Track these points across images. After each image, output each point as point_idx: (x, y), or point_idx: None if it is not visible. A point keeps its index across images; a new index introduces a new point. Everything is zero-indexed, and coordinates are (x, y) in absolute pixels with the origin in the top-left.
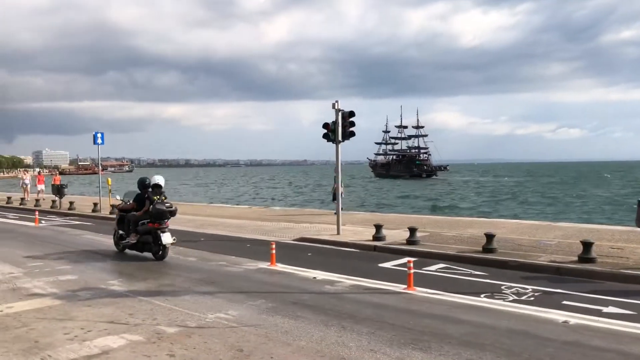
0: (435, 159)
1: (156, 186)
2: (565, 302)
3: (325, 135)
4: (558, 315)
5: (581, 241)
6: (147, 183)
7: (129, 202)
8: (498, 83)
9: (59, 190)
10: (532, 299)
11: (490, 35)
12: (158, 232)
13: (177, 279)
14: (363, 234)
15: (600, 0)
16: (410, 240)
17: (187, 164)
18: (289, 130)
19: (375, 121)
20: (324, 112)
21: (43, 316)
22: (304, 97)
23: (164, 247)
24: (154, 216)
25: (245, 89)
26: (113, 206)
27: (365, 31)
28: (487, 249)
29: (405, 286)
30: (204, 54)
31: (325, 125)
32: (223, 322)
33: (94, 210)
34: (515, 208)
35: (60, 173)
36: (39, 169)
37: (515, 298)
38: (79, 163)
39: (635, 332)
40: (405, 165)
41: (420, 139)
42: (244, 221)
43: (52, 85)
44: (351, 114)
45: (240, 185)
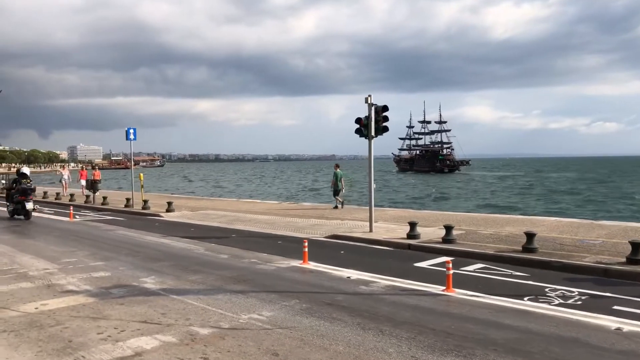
0: (458, 154)
1: (23, 174)
2: (616, 307)
3: (357, 131)
4: (609, 322)
5: (630, 241)
6: (21, 172)
7: (11, 184)
8: (530, 76)
9: (92, 185)
10: (580, 303)
11: (522, 27)
12: (24, 202)
13: (209, 277)
14: (396, 232)
15: None
16: (446, 239)
17: (217, 159)
18: (316, 124)
19: (403, 115)
20: (351, 107)
21: (77, 314)
22: (331, 92)
23: (27, 212)
24: (20, 192)
25: (273, 84)
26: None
27: (393, 25)
28: (528, 249)
29: (443, 287)
30: (233, 49)
31: (358, 120)
32: (257, 324)
33: (126, 206)
34: (539, 205)
35: (94, 168)
36: (81, 165)
37: (561, 302)
38: (112, 158)
39: None
40: (428, 160)
41: (443, 134)
42: (274, 217)
43: (86, 81)
44: (384, 108)
45: (274, 179)
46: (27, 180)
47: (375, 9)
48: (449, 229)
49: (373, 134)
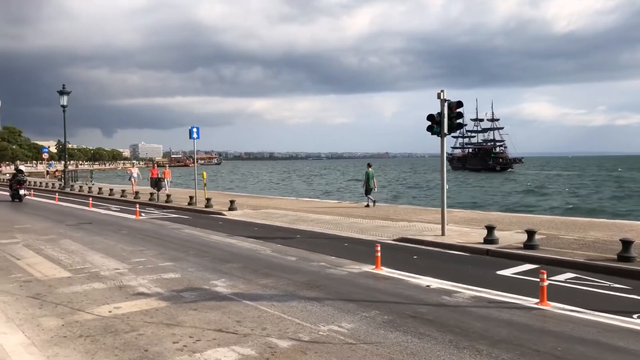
0: (511, 152)
1: (20, 171)
2: None
3: (429, 128)
4: None
5: None
6: (18, 169)
7: (12, 177)
8: (594, 71)
9: (157, 183)
10: None
11: (586, 20)
12: (18, 190)
13: (280, 281)
14: (470, 235)
15: None
16: (529, 245)
17: (271, 157)
18: (369, 122)
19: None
20: (406, 104)
21: (150, 320)
22: (385, 89)
23: (20, 196)
24: (16, 182)
25: (326, 83)
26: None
27: (449, 21)
28: (624, 257)
29: (536, 300)
30: (288, 48)
31: (431, 117)
32: (338, 337)
33: (189, 204)
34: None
35: (164, 165)
36: (153, 162)
37: None
38: (172, 156)
39: None
40: (480, 158)
41: (495, 131)
42: (337, 217)
43: (147, 81)
44: (459, 104)
45: (334, 177)
46: (22, 175)
47: (430, 5)
48: (531, 233)
49: (446, 131)
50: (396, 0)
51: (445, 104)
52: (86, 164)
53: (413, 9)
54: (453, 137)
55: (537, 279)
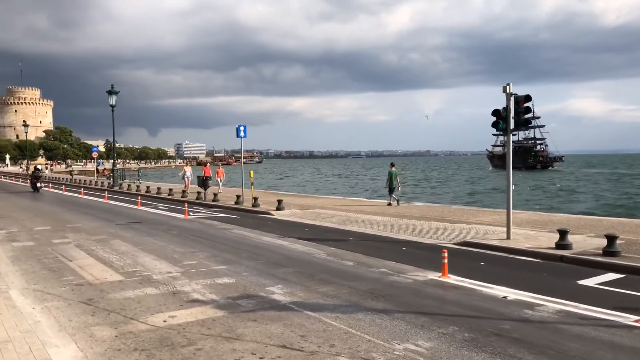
0: (552, 150)
1: (37, 169)
2: None
3: (494, 124)
4: None
5: None
6: (36, 167)
7: (32, 173)
8: None
9: (204, 182)
10: None
11: (637, 12)
12: (36, 183)
13: (341, 289)
14: (538, 240)
15: None
16: (609, 251)
17: (311, 156)
18: (410, 120)
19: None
20: (447, 101)
21: (208, 331)
22: (426, 87)
23: (37, 188)
24: (34, 177)
25: (365, 80)
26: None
27: (492, 16)
28: None
29: (636, 318)
30: (327, 46)
31: (496, 113)
32: (418, 358)
33: (236, 203)
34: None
35: (198, 164)
36: (207, 161)
37: None
38: (215, 154)
39: None
40: (520, 156)
41: (536, 129)
42: (388, 218)
43: (190, 82)
44: (527, 98)
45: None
46: (39, 172)
47: (472, 0)
48: (612, 238)
49: (512, 127)
50: None
51: (512, 98)
52: (133, 162)
53: (454, 4)
54: (493, 135)
55: (630, 292)
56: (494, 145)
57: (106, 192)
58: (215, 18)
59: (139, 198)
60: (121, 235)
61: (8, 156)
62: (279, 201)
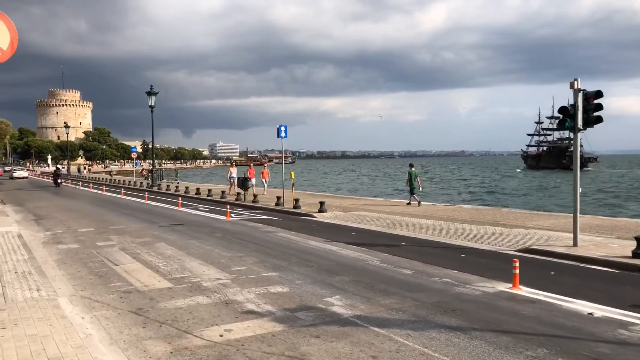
0: (586, 150)
1: (58, 168)
2: None
3: (560, 123)
4: None
5: None
6: (56, 167)
7: (54, 171)
8: None
9: (243, 183)
10: None
11: None
12: (57, 179)
13: (405, 301)
14: (609, 247)
15: None
16: None
17: (343, 156)
18: (444, 120)
19: (542, 108)
20: (482, 100)
21: (269, 349)
22: (460, 86)
23: (58, 183)
24: (55, 175)
25: (398, 80)
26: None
27: (529, 13)
28: None
29: None
30: (360, 46)
31: (563, 110)
32: None
33: (276, 204)
34: None
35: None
36: (251, 163)
37: None
38: (248, 155)
39: None
40: (554, 157)
41: None
42: (438, 222)
43: (223, 83)
44: (598, 94)
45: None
46: (59, 170)
47: None
48: None
49: (580, 125)
50: None
51: (580, 94)
52: (169, 162)
53: (490, 2)
54: (528, 135)
55: None
56: (528, 146)
57: (146, 193)
58: (247, 19)
59: (179, 199)
60: (165, 238)
61: (50, 157)
62: (321, 203)
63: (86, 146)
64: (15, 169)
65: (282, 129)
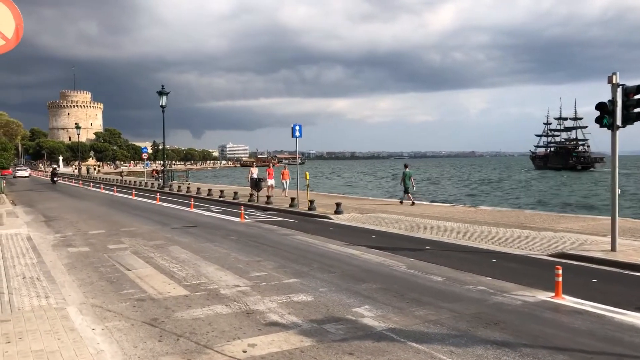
0: (593, 151)
1: (54, 168)
2: None
3: (598, 119)
4: None
5: None
6: (54, 167)
7: (52, 171)
8: None
9: (256, 184)
10: None
11: None
12: (54, 177)
13: (441, 312)
14: None
15: None
16: None
17: (353, 157)
18: (454, 120)
19: (551, 108)
20: (492, 101)
21: None
22: (470, 86)
23: (55, 181)
24: (53, 174)
25: (407, 80)
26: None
27: (539, 12)
28: None
29: None
30: (369, 47)
31: (601, 106)
32: None
33: (291, 205)
34: None
35: (242, 165)
36: (271, 163)
37: None
38: (258, 155)
39: None
40: (561, 157)
41: (579, 130)
42: (461, 224)
43: (232, 84)
44: (639, 89)
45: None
46: (56, 170)
47: None
48: None
49: (619, 122)
50: None
51: (619, 90)
52: (179, 163)
53: (500, 1)
54: (536, 136)
55: None
56: (536, 146)
57: (157, 194)
58: (256, 21)
59: (192, 200)
60: (178, 241)
61: (61, 157)
62: (337, 204)
63: (97, 147)
64: (17, 169)
65: (297, 128)
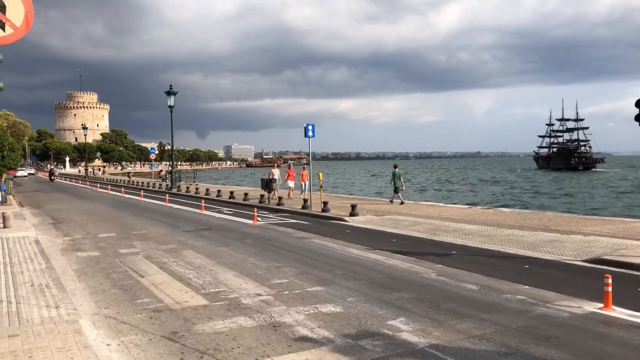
0: (594, 152)
1: (52, 168)
2: None
3: (637, 117)
4: None
5: None
6: (51, 168)
7: (50, 170)
8: None
9: (267, 184)
10: None
11: None
12: (52, 176)
13: (485, 325)
14: None
15: None
16: None
17: (358, 157)
18: (459, 121)
19: (555, 109)
20: (498, 101)
21: None
22: (475, 87)
23: (52, 179)
24: (51, 173)
25: (413, 81)
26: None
27: (545, 13)
28: None
29: None
30: (374, 48)
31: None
32: None
33: (303, 207)
34: None
35: (248, 166)
36: (291, 163)
37: None
38: (263, 156)
39: None
40: (564, 157)
41: (580, 131)
42: (483, 227)
43: (237, 85)
44: None
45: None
46: (54, 170)
47: None
48: None
49: None
50: None
51: None
52: (185, 164)
53: (506, 2)
54: (539, 137)
55: None
56: (539, 147)
57: (166, 195)
58: (261, 21)
59: (202, 201)
60: (192, 245)
61: (68, 158)
62: (353, 206)
63: (103, 148)
64: (17, 169)
65: (310, 128)
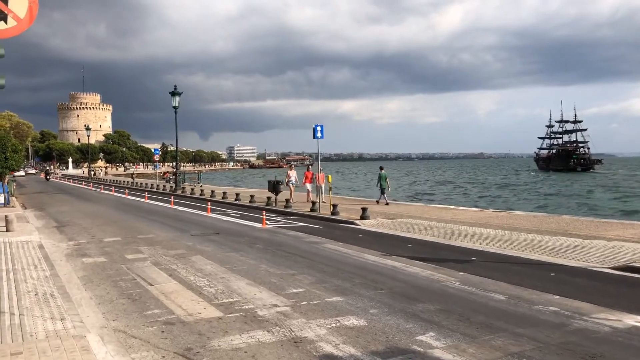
0: (593, 153)
1: (47, 170)
2: None
3: None
4: None
5: None
6: (46, 169)
7: (45, 171)
8: None
9: (274, 186)
10: None
11: None
12: (47, 176)
13: (522, 341)
14: None
15: None
16: None
17: (360, 158)
18: (462, 122)
19: (555, 111)
20: (501, 102)
21: None
22: (478, 87)
23: (48, 179)
24: (46, 173)
25: (415, 82)
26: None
27: (548, 13)
28: None
29: None
30: (376, 48)
31: None
32: None
33: (311, 210)
34: None
35: (251, 167)
36: (308, 165)
37: None
38: (266, 157)
39: None
40: (562, 159)
41: (579, 133)
42: (500, 231)
43: (240, 86)
44: None
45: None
46: (49, 170)
47: None
48: None
49: None
50: None
51: None
52: (188, 165)
53: (508, 2)
54: (539, 139)
55: None
56: (540, 148)
57: (171, 197)
58: (263, 22)
59: (208, 204)
60: (201, 250)
61: (70, 159)
62: (364, 209)
63: (106, 149)
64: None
65: (319, 128)
